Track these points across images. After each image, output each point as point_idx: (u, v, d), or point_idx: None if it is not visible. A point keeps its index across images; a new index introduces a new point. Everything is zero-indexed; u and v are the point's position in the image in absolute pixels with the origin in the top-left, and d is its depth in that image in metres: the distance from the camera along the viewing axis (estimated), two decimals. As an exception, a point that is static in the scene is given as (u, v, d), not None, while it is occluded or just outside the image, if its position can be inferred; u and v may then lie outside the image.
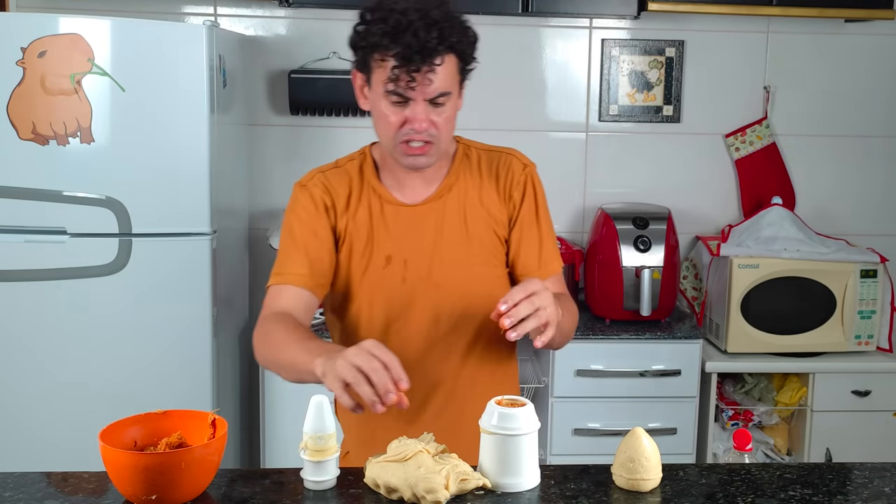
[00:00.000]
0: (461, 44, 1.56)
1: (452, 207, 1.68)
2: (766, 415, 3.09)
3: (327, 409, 1.42)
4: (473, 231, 1.68)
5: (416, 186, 1.69)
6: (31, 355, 2.57)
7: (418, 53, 1.49)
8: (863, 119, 3.39)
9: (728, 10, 3.01)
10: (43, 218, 2.51)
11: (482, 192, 1.70)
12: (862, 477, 1.53)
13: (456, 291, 1.66)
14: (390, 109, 1.56)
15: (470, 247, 1.67)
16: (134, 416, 1.42)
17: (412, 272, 1.65)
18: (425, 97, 1.55)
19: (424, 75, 1.52)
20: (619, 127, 3.33)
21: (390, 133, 1.58)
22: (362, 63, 1.59)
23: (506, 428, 1.39)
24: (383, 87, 1.54)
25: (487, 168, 1.72)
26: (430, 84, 1.53)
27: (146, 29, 2.53)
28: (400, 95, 1.54)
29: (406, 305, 1.66)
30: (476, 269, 1.68)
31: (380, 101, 1.57)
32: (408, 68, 1.50)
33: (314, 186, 1.68)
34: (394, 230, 1.66)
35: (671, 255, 3.00)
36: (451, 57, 1.55)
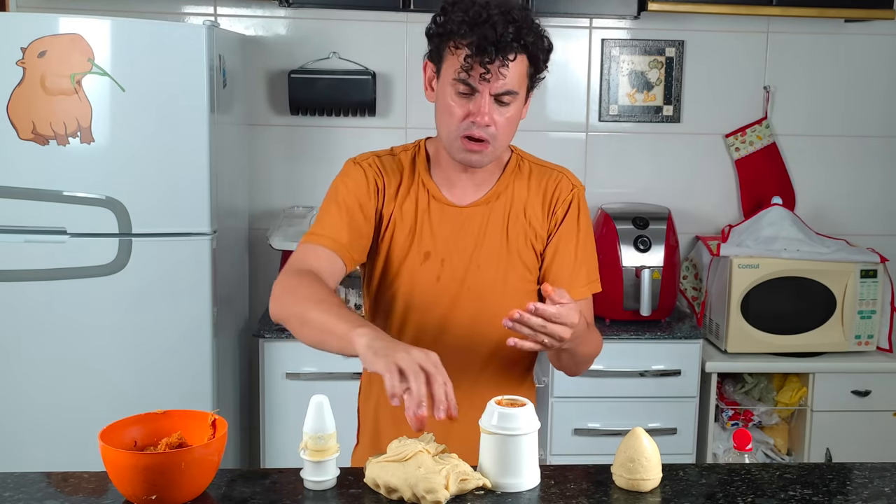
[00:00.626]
0: (535, 47, 1.57)
1: (497, 214, 1.68)
2: (766, 415, 3.09)
3: (327, 409, 1.42)
4: (513, 241, 1.68)
5: (465, 187, 1.68)
6: (31, 355, 2.57)
7: (493, 45, 1.51)
8: (863, 119, 3.38)
9: (728, 10, 3.01)
10: (43, 218, 2.51)
11: (528, 204, 1.70)
12: (862, 477, 1.53)
13: (487, 298, 1.66)
14: (456, 100, 1.57)
15: (508, 256, 1.67)
16: (134, 416, 1.42)
17: (447, 272, 1.65)
18: (492, 91, 1.55)
19: (497, 69, 1.53)
20: (619, 127, 3.33)
21: (452, 125, 1.58)
22: (435, 53, 1.60)
23: (506, 428, 1.39)
24: (453, 76, 1.55)
25: (537, 182, 1.73)
26: (501, 79, 1.54)
27: (146, 29, 2.53)
28: (468, 86, 1.54)
29: (436, 304, 1.66)
30: (510, 280, 1.67)
31: (447, 92, 1.58)
32: (481, 59, 1.51)
33: (368, 166, 1.67)
34: (437, 228, 1.66)
35: (671, 255, 3.00)
36: (523, 58, 1.56)
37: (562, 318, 1.39)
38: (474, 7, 1.53)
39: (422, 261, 1.65)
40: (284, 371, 2.80)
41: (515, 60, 1.54)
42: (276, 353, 2.81)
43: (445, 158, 1.67)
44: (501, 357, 1.68)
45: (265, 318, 2.94)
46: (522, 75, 1.59)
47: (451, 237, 1.66)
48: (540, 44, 1.58)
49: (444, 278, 1.65)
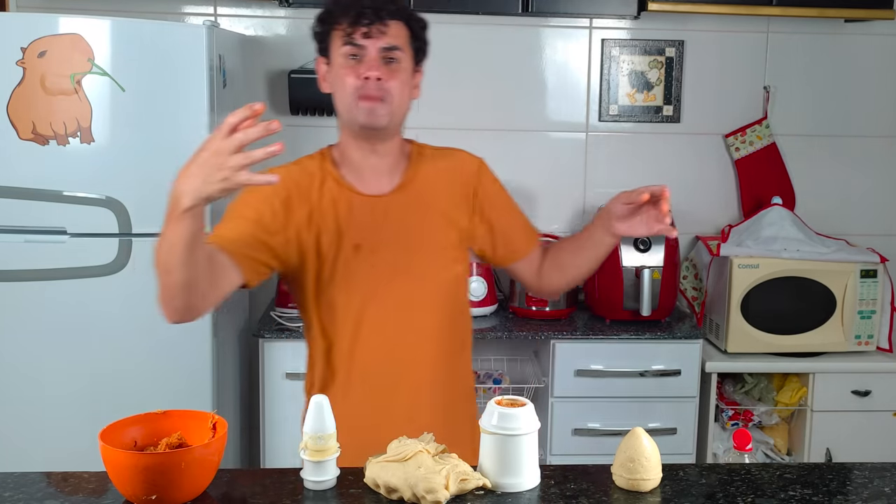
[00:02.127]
0: (409, 16, 1.72)
1: (415, 199, 1.75)
2: (766, 415, 3.09)
3: (327, 409, 1.42)
4: (435, 222, 1.76)
5: (377, 178, 1.75)
6: (32, 355, 2.57)
7: (371, 10, 1.65)
8: (863, 119, 3.39)
9: (728, 10, 3.01)
10: (43, 218, 2.51)
11: (441, 185, 1.78)
12: (862, 477, 1.53)
13: (421, 279, 1.74)
14: (347, 67, 1.67)
15: (433, 237, 1.75)
16: (134, 416, 1.42)
17: (381, 260, 1.72)
18: (377, 44, 1.66)
19: (377, 28, 1.65)
20: (619, 127, 3.33)
21: (348, 91, 1.67)
22: (324, 46, 1.72)
23: (506, 428, 1.39)
24: (340, 45, 1.67)
25: (443, 164, 1.81)
26: (383, 36, 1.66)
27: (146, 29, 2.53)
28: (354, 46, 1.66)
29: (375, 292, 1.72)
30: (439, 259, 1.76)
31: (339, 68, 1.68)
32: (361, 23, 1.65)
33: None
34: (360, 220, 1.72)
35: (671, 255, 3.00)
36: (400, 23, 1.70)
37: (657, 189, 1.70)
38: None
39: (354, 254, 1.71)
40: (284, 371, 2.80)
41: (392, 22, 1.67)
42: (276, 353, 2.81)
43: (352, 153, 1.75)
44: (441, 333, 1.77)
45: (265, 318, 2.94)
46: (404, 39, 1.70)
47: (376, 226, 1.72)
48: (414, 16, 1.73)
49: (378, 266, 1.72)
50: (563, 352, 2.89)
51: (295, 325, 2.83)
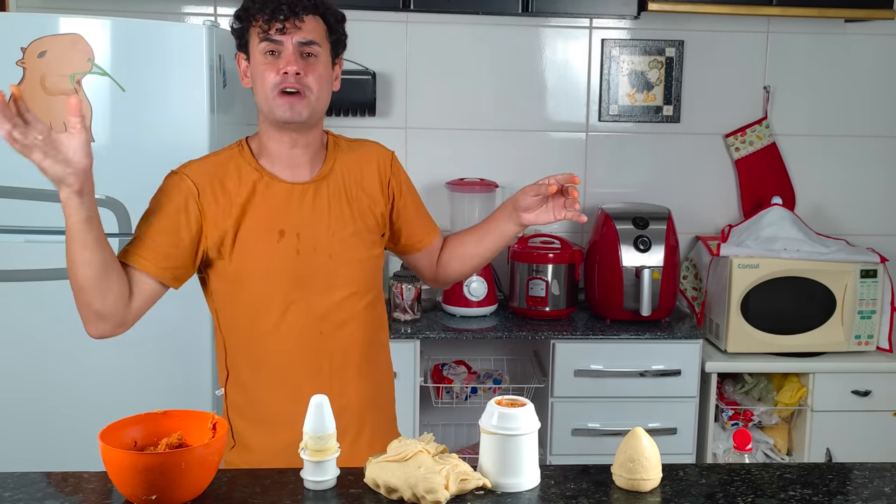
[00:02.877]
0: (326, 9, 1.75)
1: (336, 186, 1.80)
2: (766, 415, 3.09)
3: (327, 409, 1.42)
4: (356, 209, 1.81)
5: (296, 167, 1.78)
6: (32, 355, 2.56)
7: (286, 5, 1.69)
8: (863, 119, 3.39)
9: (728, 10, 3.01)
10: (43, 218, 2.51)
11: (359, 174, 1.83)
12: (862, 477, 1.53)
13: (346, 262, 1.78)
14: (266, 63, 1.71)
15: (354, 223, 1.80)
16: (134, 416, 1.42)
17: (306, 245, 1.75)
18: (294, 40, 1.70)
19: (293, 23, 1.69)
20: (619, 127, 3.33)
21: (267, 85, 1.71)
22: (243, 42, 1.76)
23: (506, 428, 1.39)
24: (258, 41, 1.71)
25: (359, 154, 1.87)
26: (299, 31, 1.70)
27: (146, 29, 2.53)
28: (272, 41, 1.69)
29: (303, 276, 1.75)
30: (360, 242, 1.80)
31: (258, 64, 1.72)
32: (277, 18, 1.68)
33: (186, 176, 1.76)
34: (284, 206, 1.75)
35: (671, 255, 3.00)
36: (316, 18, 1.73)
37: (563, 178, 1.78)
38: None
39: (278, 239, 1.74)
40: (284, 371, 2.80)
41: (308, 17, 1.71)
42: (276, 353, 2.81)
43: (271, 144, 1.77)
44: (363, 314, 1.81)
45: (265, 318, 2.93)
46: (321, 33, 1.74)
47: (300, 212, 1.76)
48: (330, 8, 1.76)
49: (303, 251, 1.75)
50: (563, 352, 2.89)
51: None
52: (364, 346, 1.82)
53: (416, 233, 1.93)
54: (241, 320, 1.77)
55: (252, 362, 1.77)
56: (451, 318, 3.03)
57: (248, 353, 1.77)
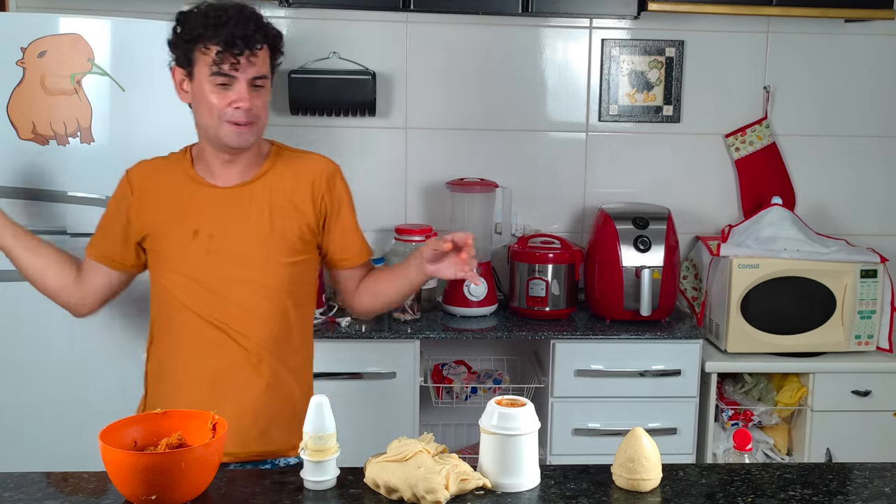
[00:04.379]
0: (274, 37, 1.82)
1: (261, 194, 1.87)
2: (766, 415, 3.09)
3: (327, 409, 1.42)
4: (277, 218, 1.87)
5: (228, 174, 1.88)
6: (32, 355, 2.56)
7: (241, 39, 1.73)
8: (863, 119, 3.38)
9: (728, 10, 3.01)
10: (43, 218, 2.51)
11: (292, 186, 1.89)
12: (862, 477, 1.53)
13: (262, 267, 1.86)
14: (215, 93, 1.77)
15: (272, 230, 1.86)
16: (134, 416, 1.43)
17: (217, 245, 1.84)
18: (247, 78, 1.76)
19: (247, 59, 1.75)
20: (619, 127, 3.33)
21: (214, 116, 1.78)
22: (184, 58, 1.79)
23: (506, 428, 1.39)
24: (208, 73, 1.75)
25: (298, 166, 1.93)
26: (252, 67, 1.76)
27: (146, 29, 2.52)
28: (225, 76, 1.75)
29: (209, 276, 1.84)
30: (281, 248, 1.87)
31: (204, 89, 1.77)
32: (231, 52, 1.73)
33: (129, 176, 1.95)
34: (202, 208, 1.85)
35: (671, 255, 3.00)
36: (265, 49, 1.80)
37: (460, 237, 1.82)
38: (213, 12, 1.75)
39: (191, 238, 1.84)
40: (284, 371, 2.80)
41: (261, 50, 1.78)
42: (276, 353, 2.81)
43: (208, 153, 1.87)
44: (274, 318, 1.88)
45: (265, 318, 2.94)
46: (268, 61, 1.82)
47: (216, 215, 1.85)
48: (276, 33, 1.83)
49: (213, 251, 1.84)
50: (563, 352, 2.89)
51: (295, 325, 2.83)
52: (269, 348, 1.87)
53: (340, 251, 1.98)
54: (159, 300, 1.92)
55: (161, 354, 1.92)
56: (451, 318, 3.03)
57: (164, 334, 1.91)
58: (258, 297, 1.85)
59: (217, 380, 1.84)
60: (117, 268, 1.95)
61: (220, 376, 1.84)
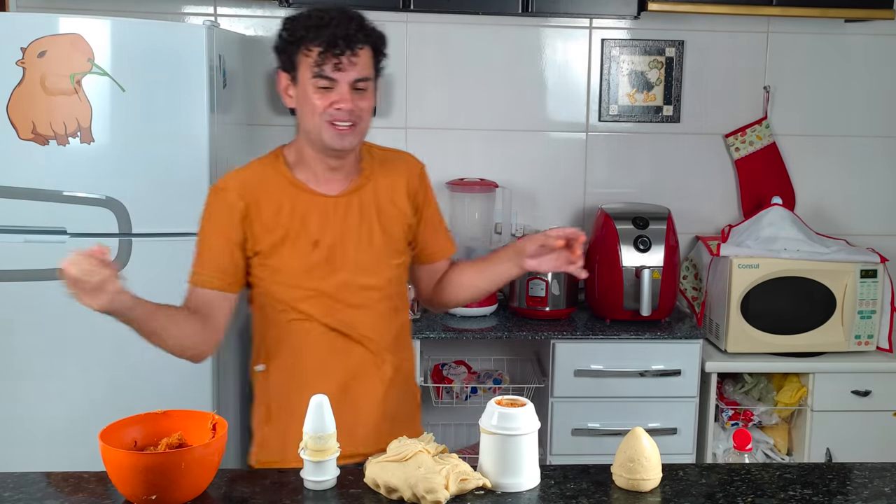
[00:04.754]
0: (377, 38, 1.79)
1: (368, 199, 1.86)
2: (766, 415, 3.09)
3: (327, 409, 1.42)
4: (386, 222, 1.87)
5: (331, 180, 1.85)
6: (32, 355, 2.56)
7: (342, 40, 1.71)
8: (863, 119, 3.38)
9: (728, 10, 3.00)
10: (43, 218, 2.51)
11: (390, 187, 1.90)
12: (862, 477, 1.53)
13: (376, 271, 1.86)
14: (317, 95, 1.74)
15: (384, 235, 1.87)
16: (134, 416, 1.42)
17: (337, 254, 1.83)
18: (349, 80, 1.73)
19: (349, 59, 1.72)
20: (619, 127, 3.33)
21: (317, 117, 1.75)
22: (288, 62, 1.78)
23: (506, 428, 1.39)
24: (310, 75, 1.73)
25: (392, 165, 1.93)
26: (354, 67, 1.73)
27: (146, 29, 2.53)
28: (326, 78, 1.72)
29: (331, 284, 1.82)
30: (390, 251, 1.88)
31: (307, 91, 1.75)
32: (333, 52, 1.71)
33: (229, 191, 1.83)
34: (318, 218, 1.82)
35: (671, 255, 3.00)
36: (367, 49, 1.76)
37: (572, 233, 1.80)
38: (316, 14, 1.74)
39: (311, 249, 1.82)
40: (284, 371, 2.80)
41: (363, 50, 1.74)
42: (276, 353, 2.81)
43: (309, 157, 1.84)
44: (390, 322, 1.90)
45: (265, 318, 2.93)
46: (370, 64, 1.78)
47: (331, 224, 1.83)
48: (379, 35, 1.80)
49: (333, 261, 1.83)
50: (563, 352, 2.89)
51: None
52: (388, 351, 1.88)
53: (428, 246, 1.98)
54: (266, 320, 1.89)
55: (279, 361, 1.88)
56: (452, 318, 3.03)
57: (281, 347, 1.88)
58: (377, 299, 1.87)
59: (346, 384, 1.84)
60: (236, 290, 1.87)
61: (348, 380, 1.84)
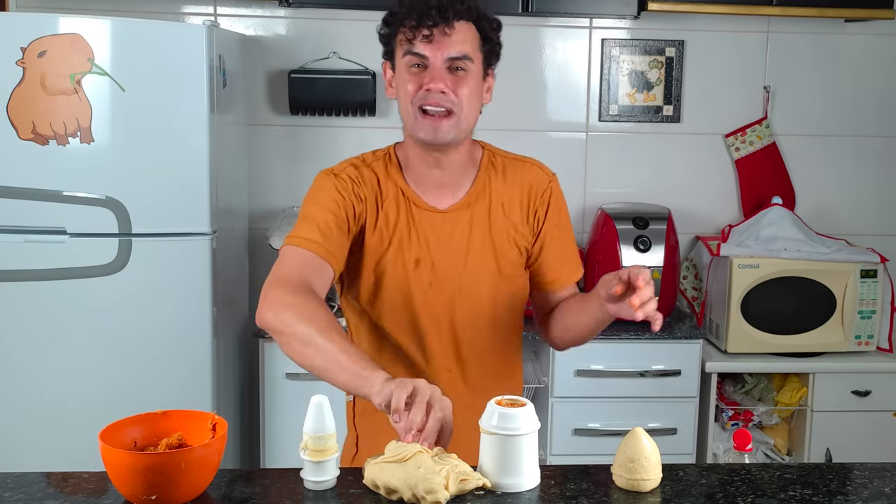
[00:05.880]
0: (479, 15, 1.57)
1: (479, 216, 1.67)
2: (766, 415, 3.09)
3: (327, 409, 1.41)
4: (498, 241, 1.68)
5: (442, 188, 1.67)
6: (31, 355, 2.57)
7: (434, 9, 1.53)
8: (862, 119, 3.39)
9: (728, 10, 3.01)
10: (43, 218, 2.51)
11: (507, 201, 1.70)
12: (862, 477, 1.53)
13: (479, 299, 1.68)
14: (410, 75, 1.56)
15: (495, 256, 1.68)
16: (134, 417, 1.42)
17: (439, 277, 1.66)
18: (443, 54, 1.54)
19: (442, 31, 1.53)
20: (619, 127, 3.33)
21: (409, 104, 1.57)
22: (388, 50, 1.62)
23: (506, 428, 1.38)
24: (402, 53, 1.56)
25: (513, 177, 1.71)
26: (448, 41, 1.54)
27: (146, 29, 2.53)
28: (417, 55, 1.55)
29: (430, 309, 1.67)
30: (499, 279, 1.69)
31: (402, 74, 1.58)
32: (424, 24, 1.53)
33: (347, 177, 1.64)
34: (423, 234, 1.66)
35: (671, 255, 3.00)
36: (469, 25, 1.57)
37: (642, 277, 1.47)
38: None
39: (413, 267, 1.65)
40: (284, 371, 2.80)
41: (460, 23, 1.55)
42: (276, 353, 2.81)
43: (416, 159, 1.66)
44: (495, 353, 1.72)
45: (265, 318, 2.93)
46: (473, 43, 1.58)
47: (437, 242, 1.66)
48: (483, 14, 1.59)
49: (436, 283, 1.66)
50: (563, 352, 2.88)
51: (295, 325, 2.83)
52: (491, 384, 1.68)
53: (540, 272, 1.74)
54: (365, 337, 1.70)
55: None
56: (451, 318, 3.02)
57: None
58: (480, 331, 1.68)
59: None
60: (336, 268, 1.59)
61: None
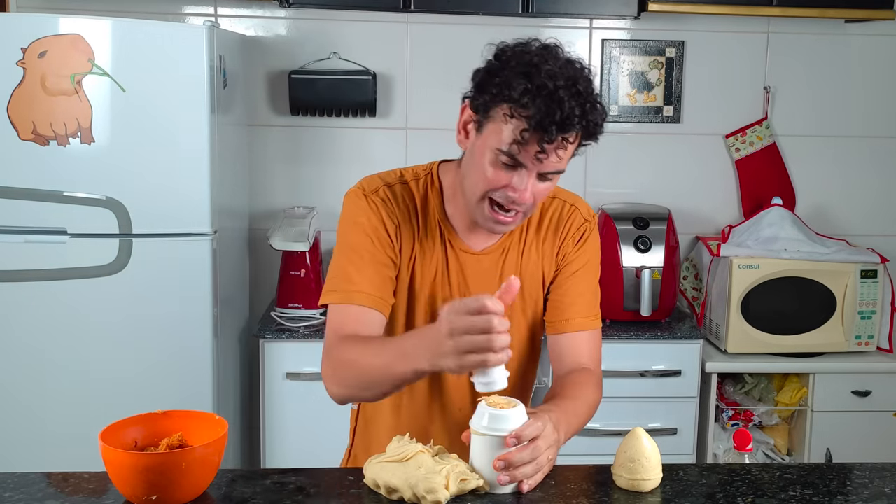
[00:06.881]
0: (596, 125, 1.44)
1: (512, 261, 1.62)
2: (766, 415, 3.09)
3: None
4: (527, 286, 1.63)
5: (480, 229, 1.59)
6: (32, 355, 2.57)
7: (557, 125, 1.36)
8: (863, 119, 3.39)
9: (728, 10, 3.01)
10: (43, 218, 2.51)
11: (541, 241, 1.64)
12: (862, 477, 1.53)
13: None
14: (495, 167, 1.44)
15: (522, 298, 1.63)
16: (134, 417, 1.42)
17: None
18: (542, 169, 1.43)
19: (553, 149, 1.40)
20: (620, 127, 3.33)
21: (481, 188, 1.47)
22: (482, 106, 1.45)
23: (497, 429, 1.37)
24: (500, 145, 1.42)
25: (550, 216, 1.65)
26: (554, 160, 1.42)
27: (146, 29, 2.53)
28: (515, 160, 1.42)
29: None
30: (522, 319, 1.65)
31: (486, 155, 1.45)
32: (540, 138, 1.38)
33: (381, 202, 1.56)
34: (457, 275, 1.60)
35: (671, 256, 3.00)
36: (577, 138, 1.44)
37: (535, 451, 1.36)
38: (539, 76, 1.37)
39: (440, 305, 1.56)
40: (284, 371, 2.80)
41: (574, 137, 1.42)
42: (277, 353, 2.81)
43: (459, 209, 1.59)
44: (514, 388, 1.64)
45: (265, 318, 2.94)
46: (572, 149, 1.46)
47: (466, 285, 1.60)
48: (600, 119, 1.44)
49: None
50: (563, 352, 2.88)
51: (295, 326, 2.83)
52: None
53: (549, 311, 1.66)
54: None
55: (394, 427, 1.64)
56: (452, 319, 3.02)
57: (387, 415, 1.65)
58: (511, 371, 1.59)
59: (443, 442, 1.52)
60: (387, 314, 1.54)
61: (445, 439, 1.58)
